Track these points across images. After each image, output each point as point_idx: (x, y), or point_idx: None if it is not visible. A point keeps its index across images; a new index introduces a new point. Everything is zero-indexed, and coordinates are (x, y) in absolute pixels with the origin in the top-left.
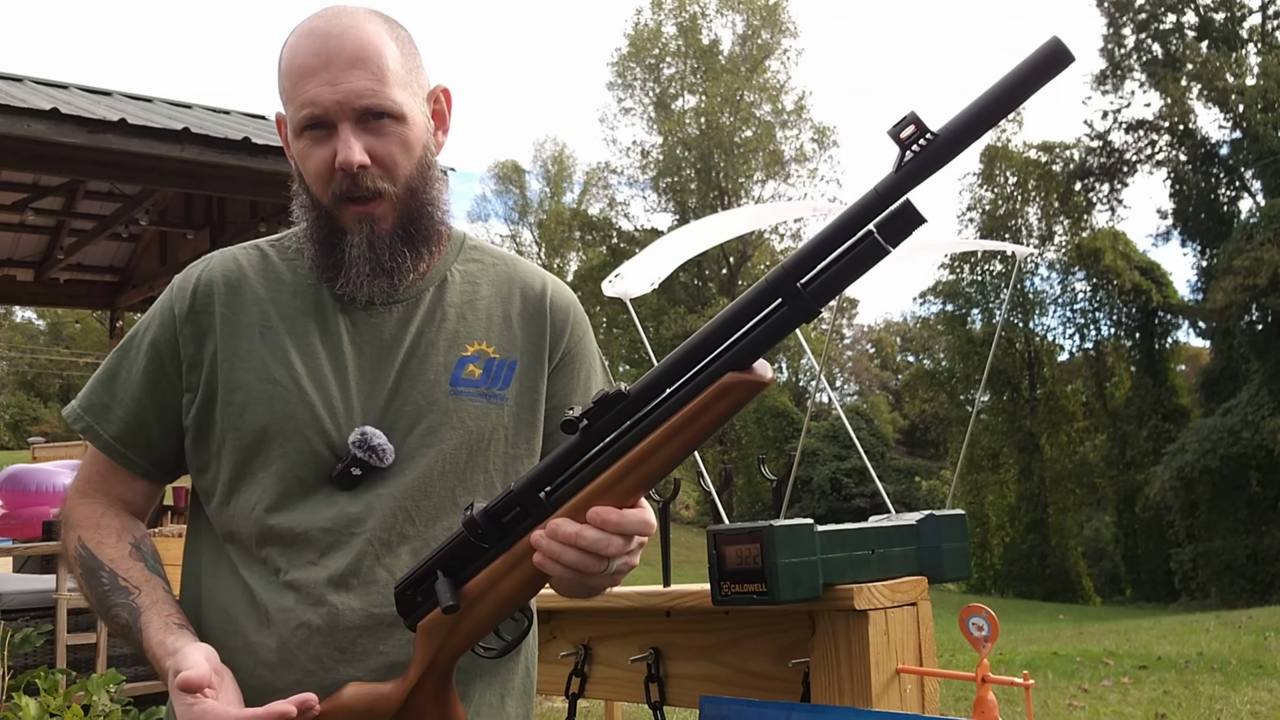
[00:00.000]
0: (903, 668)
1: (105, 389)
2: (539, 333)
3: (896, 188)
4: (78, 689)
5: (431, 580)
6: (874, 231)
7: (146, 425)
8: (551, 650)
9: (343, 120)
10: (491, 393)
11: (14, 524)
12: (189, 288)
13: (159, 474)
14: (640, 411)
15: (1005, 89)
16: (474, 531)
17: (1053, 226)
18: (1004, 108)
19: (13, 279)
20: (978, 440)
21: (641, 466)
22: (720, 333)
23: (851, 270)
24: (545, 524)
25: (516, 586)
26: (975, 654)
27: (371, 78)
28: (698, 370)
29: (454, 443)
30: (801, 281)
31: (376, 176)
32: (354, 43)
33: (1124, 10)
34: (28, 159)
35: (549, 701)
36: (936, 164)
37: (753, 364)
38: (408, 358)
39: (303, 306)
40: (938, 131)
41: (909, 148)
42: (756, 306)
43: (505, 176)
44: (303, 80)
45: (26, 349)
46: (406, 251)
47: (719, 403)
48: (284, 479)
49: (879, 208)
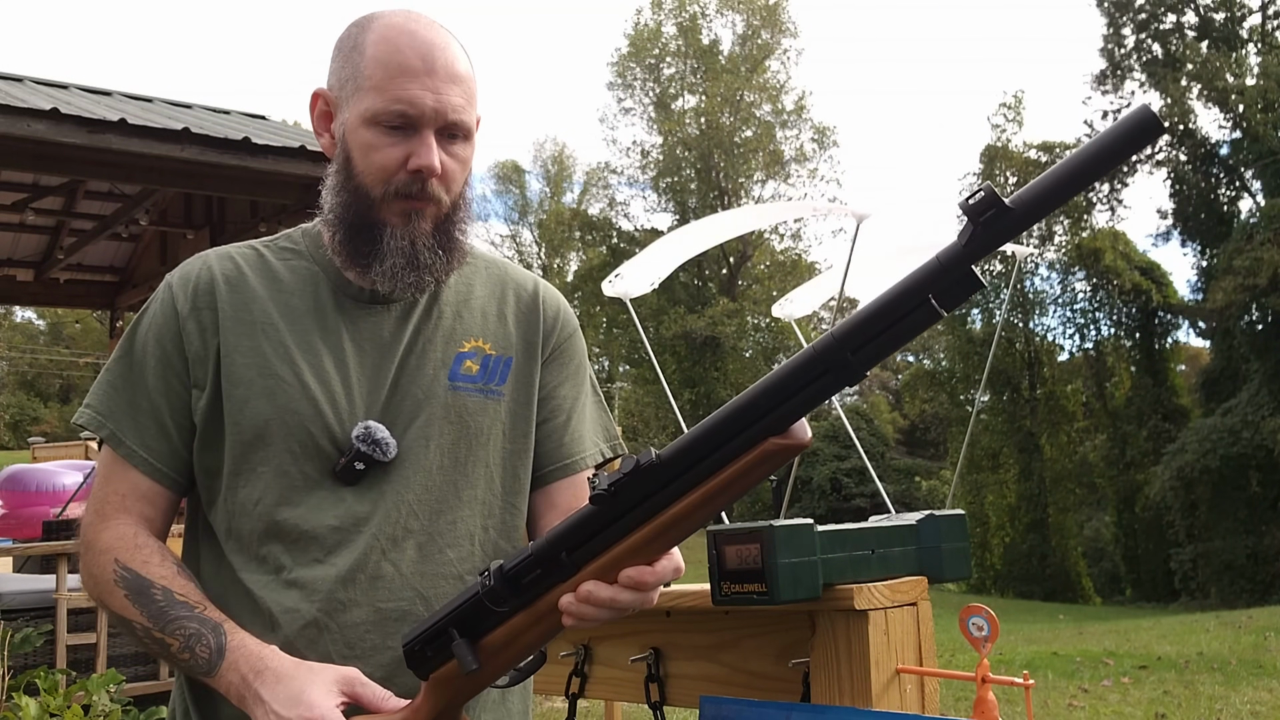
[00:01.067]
0: (903, 668)
1: (119, 393)
2: (532, 330)
3: (962, 260)
4: (78, 689)
5: (445, 638)
6: (931, 299)
7: (167, 429)
8: (551, 650)
9: (429, 127)
10: (489, 388)
11: (14, 524)
12: (190, 285)
13: (182, 483)
14: (673, 475)
15: (1086, 160)
16: (494, 599)
17: (1053, 226)
18: (1083, 180)
19: (13, 279)
20: (978, 440)
21: (674, 530)
22: (764, 400)
23: (904, 335)
24: (575, 586)
25: (536, 639)
26: (975, 654)
27: (464, 97)
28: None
29: (453, 437)
30: (853, 350)
31: (437, 186)
32: (454, 59)
33: (1124, 10)
34: (28, 159)
35: (549, 701)
36: (1006, 238)
37: (790, 428)
38: (406, 354)
39: (302, 305)
40: (1011, 204)
41: (979, 219)
42: (804, 375)
43: (505, 176)
44: (403, 77)
45: (26, 349)
46: (440, 253)
47: (759, 468)
48: (287, 473)
49: (942, 278)
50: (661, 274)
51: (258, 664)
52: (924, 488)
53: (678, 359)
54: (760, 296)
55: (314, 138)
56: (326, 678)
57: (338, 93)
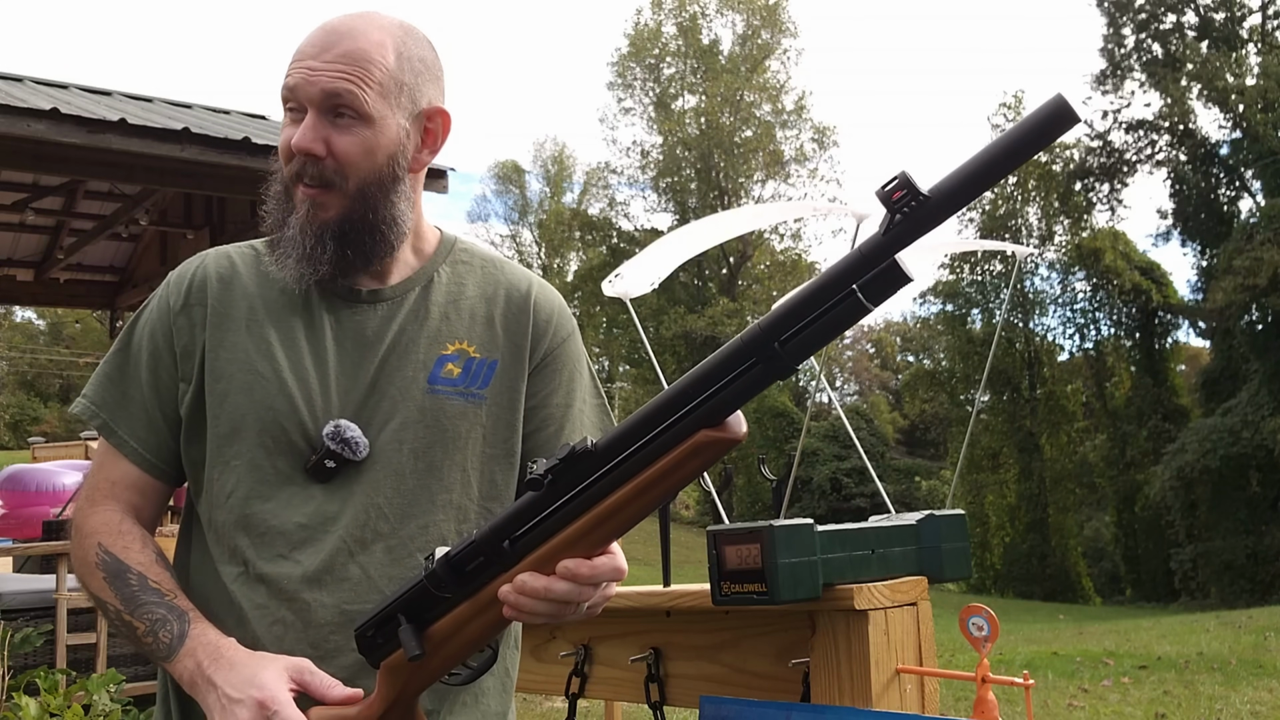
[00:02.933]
0: (903, 668)
1: (114, 385)
2: (520, 333)
3: (883, 250)
4: (78, 689)
5: (393, 623)
6: (856, 291)
7: (156, 421)
8: (551, 650)
9: (311, 105)
10: (470, 391)
11: (14, 524)
12: (184, 283)
13: (171, 474)
14: (609, 465)
15: (1003, 150)
16: (435, 583)
17: (1053, 226)
18: (1001, 169)
19: (13, 279)
20: (978, 440)
21: (610, 521)
22: (693, 390)
23: (831, 329)
24: (512, 577)
25: (482, 630)
26: (975, 654)
27: (350, 77)
28: (669, 425)
29: (428, 440)
30: (779, 340)
31: (329, 169)
32: (350, 43)
33: (1124, 10)
34: (28, 159)
35: (549, 701)
36: (926, 228)
37: (725, 420)
38: (388, 354)
39: (290, 303)
40: (929, 193)
41: (898, 210)
42: (732, 364)
43: (505, 176)
44: (294, 62)
45: (26, 349)
46: (331, 245)
47: (691, 460)
48: (259, 467)
49: (864, 269)
50: (661, 274)
51: (214, 652)
52: (924, 488)
53: (678, 359)
54: (760, 296)
55: None
56: (278, 665)
57: None
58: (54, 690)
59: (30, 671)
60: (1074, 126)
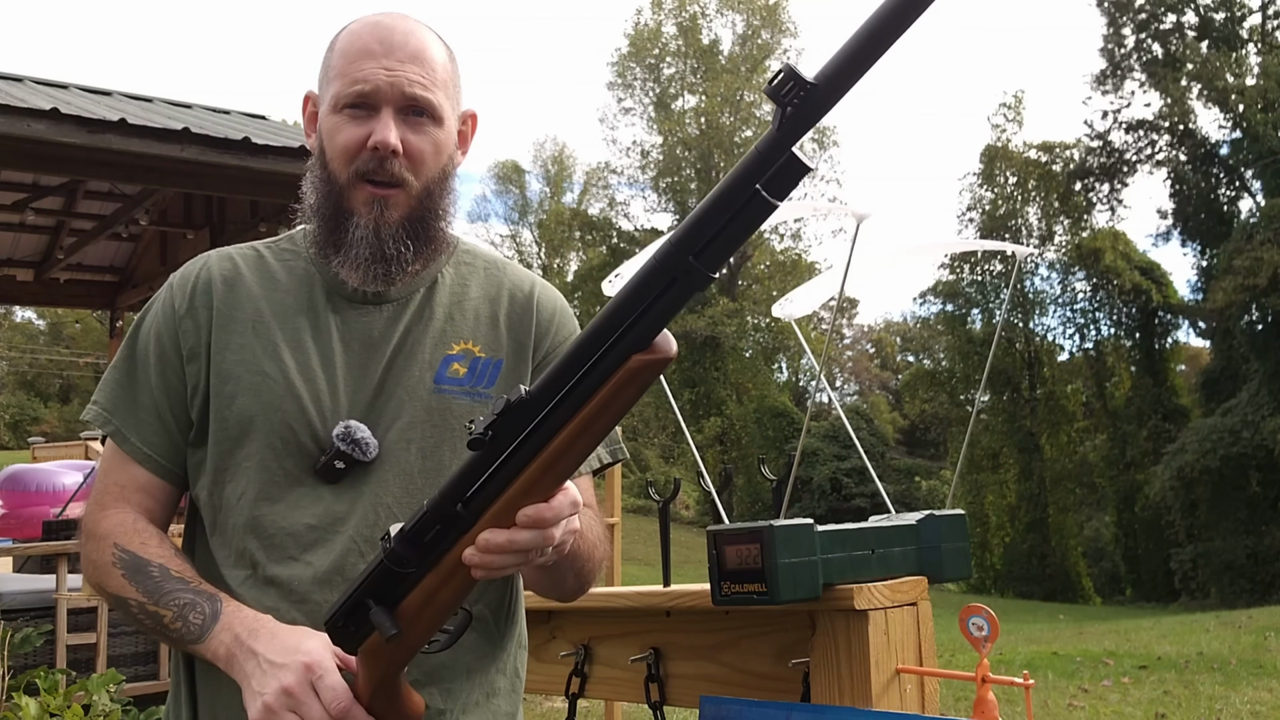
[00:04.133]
0: (903, 668)
1: (124, 390)
2: (524, 332)
3: (779, 145)
4: (78, 689)
5: (363, 609)
6: (760, 190)
7: (167, 425)
8: (551, 650)
9: (388, 105)
10: (476, 391)
11: (14, 524)
12: (189, 285)
13: (182, 477)
14: (546, 409)
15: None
16: (396, 560)
17: (1053, 226)
18: (880, 45)
19: (13, 279)
20: (978, 440)
21: (560, 463)
22: (616, 318)
23: (741, 232)
24: (473, 538)
25: (453, 596)
26: (975, 654)
27: (425, 75)
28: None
29: (435, 439)
30: (694, 253)
31: (403, 166)
32: (416, 41)
33: (1124, 10)
34: (28, 159)
35: (549, 701)
36: (817, 115)
37: (654, 342)
38: (394, 355)
39: (295, 304)
40: (814, 80)
41: (788, 103)
42: (651, 286)
43: (505, 176)
44: (360, 59)
45: (26, 349)
46: (410, 244)
47: (628, 387)
48: (268, 469)
49: (765, 167)
50: None
51: (253, 624)
52: (924, 488)
53: (677, 359)
54: (760, 296)
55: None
56: (322, 636)
57: (319, 93)
58: (54, 690)
59: (30, 671)
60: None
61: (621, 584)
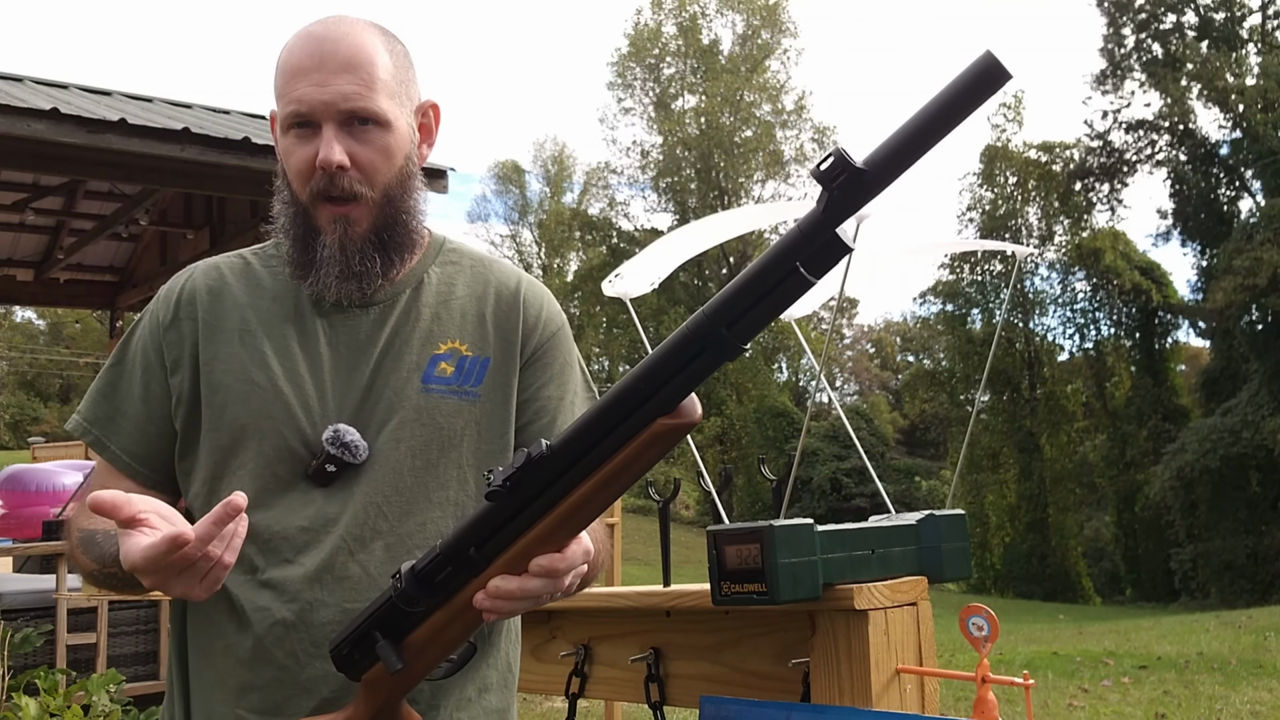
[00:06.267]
0: (903, 668)
1: (107, 400)
2: (511, 329)
3: (823, 226)
4: (78, 689)
5: (369, 640)
6: (799, 267)
7: (149, 435)
8: (551, 650)
9: (327, 121)
10: (464, 390)
11: (14, 524)
12: (173, 297)
13: (165, 484)
14: (567, 464)
15: (935, 114)
16: (406, 600)
17: (1053, 226)
18: (934, 135)
19: (13, 279)
20: (978, 440)
21: (576, 516)
22: (644, 382)
23: (776, 307)
24: (484, 582)
25: (460, 633)
26: (975, 654)
27: (360, 83)
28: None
29: (424, 439)
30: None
31: (355, 180)
32: (347, 49)
33: (1124, 10)
34: (28, 159)
35: (549, 701)
36: (863, 200)
37: (679, 406)
38: (381, 357)
39: (281, 311)
40: (863, 165)
41: (833, 185)
42: (681, 353)
43: (505, 176)
44: (294, 79)
45: (26, 349)
46: (377, 256)
47: (652, 449)
48: (261, 476)
49: (805, 246)
50: (661, 274)
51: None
52: (924, 488)
53: None
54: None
55: None
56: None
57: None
58: (54, 690)
59: (30, 671)
60: (1006, 84)
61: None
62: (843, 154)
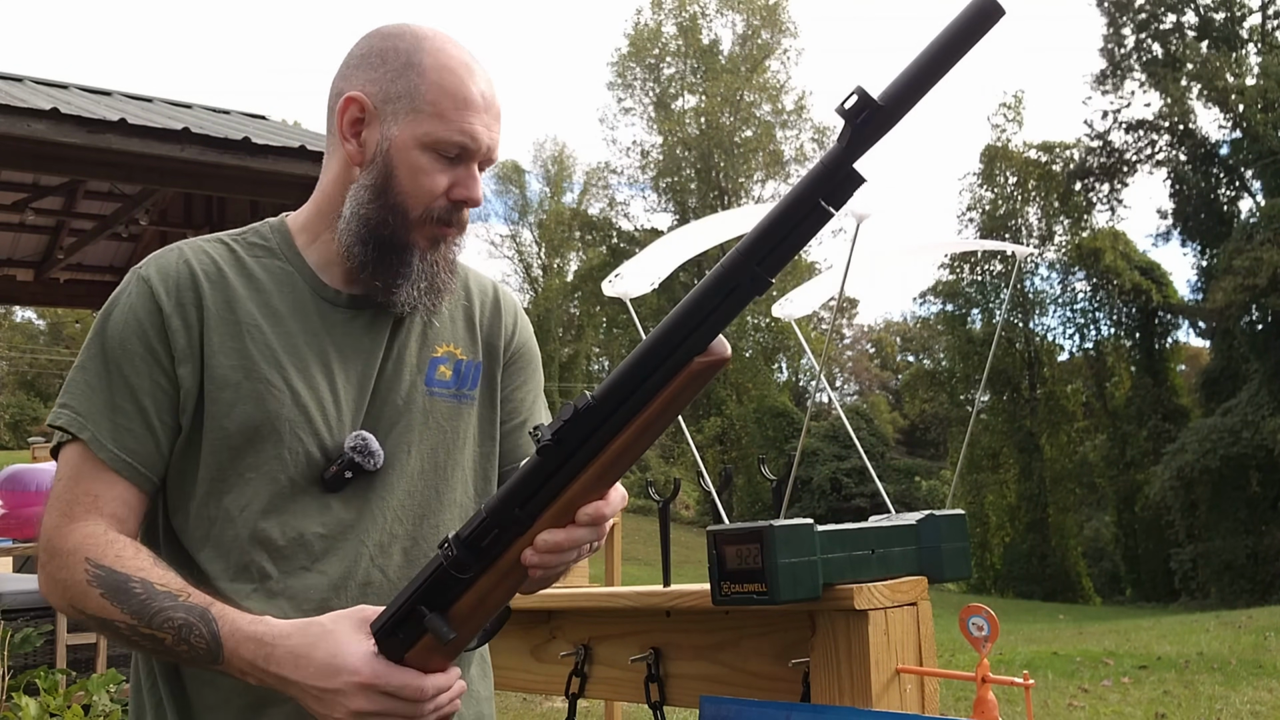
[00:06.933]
0: (903, 668)
1: (99, 394)
2: (494, 333)
3: (845, 161)
4: (78, 689)
5: (416, 617)
6: (822, 202)
7: (152, 429)
8: (551, 650)
9: (475, 160)
10: (462, 393)
11: (14, 524)
12: (170, 280)
13: (157, 485)
14: (610, 412)
15: (943, 46)
16: (458, 566)
17: (1053, 226)
18: (943, 65)
19: (13, 279)
20: (978, 440)
21: (619, 463)
22: (685, 322)
23: (801, 240)
24: (533, 539)
25: (504, 595)
26: (975, 654)
27: (498, 136)
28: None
29: (432, 443)
30: (759, 261)
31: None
32: (497, 98)
33: (1124, 10)
34: (28, 159)
35: (549, 701)
36: (882, 133)
37: (710, 345)
38: (384, 361)
39: (283, 308)
40: (881, 100)
41: (855, 121)
42: (717, 292)
43: (505, 176)
44: (467, 111)
45: (26, 349)
46: (451, 274)
47: (689, 388)
48: (275, 480)
49: (829, 182)
50: (661, 274)
51: (259, 646)
52: (924, 488)
53: None
54: (760, 296)
55: (314, 138)
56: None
57: (381, 105)
58: (54, 690)
59: (30, 671)
60: (1001, 18)
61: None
62: (865, 92)
